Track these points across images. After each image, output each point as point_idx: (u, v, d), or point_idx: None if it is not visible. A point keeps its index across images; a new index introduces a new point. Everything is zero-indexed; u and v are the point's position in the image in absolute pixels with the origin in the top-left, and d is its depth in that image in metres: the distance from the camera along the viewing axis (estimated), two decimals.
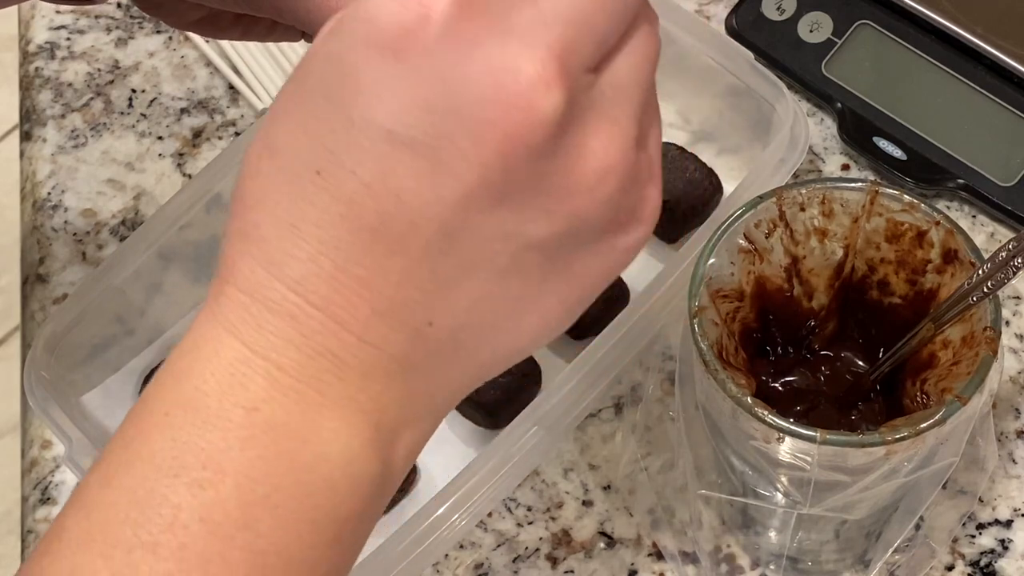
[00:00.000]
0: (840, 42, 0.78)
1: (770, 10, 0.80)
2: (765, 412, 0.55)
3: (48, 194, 0.80)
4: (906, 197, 0.60)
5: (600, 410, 0.71)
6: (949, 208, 0.76)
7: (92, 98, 0.83)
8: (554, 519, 0.68)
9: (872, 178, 0.76)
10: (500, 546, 0.68)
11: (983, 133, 0.75)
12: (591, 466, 0.69)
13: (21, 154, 0.83)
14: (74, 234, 0.78)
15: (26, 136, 0.83)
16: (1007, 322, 0.72)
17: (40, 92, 0.84)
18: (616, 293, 0.71)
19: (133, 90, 0.83)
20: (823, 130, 0.79)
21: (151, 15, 0.59)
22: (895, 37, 0.77)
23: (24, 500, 0.71)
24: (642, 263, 0.74)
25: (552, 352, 0.72)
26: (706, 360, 0.56)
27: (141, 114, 0.82)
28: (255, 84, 0.82)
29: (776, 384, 0.63)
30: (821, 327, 0.64)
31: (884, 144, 0.76)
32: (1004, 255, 0.55)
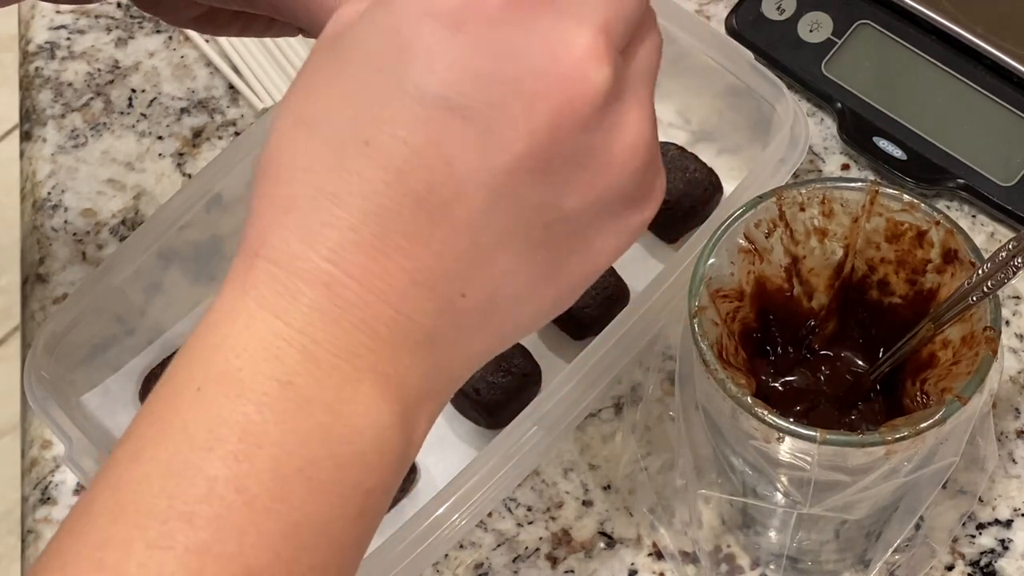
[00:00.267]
0: (840, 42, 0.78)
1: (770, 10, 0.80)
2: (765, 412, 0.55)
3: (48, 194, 0.80)
4: (906, 197, 0.60)
5: (600, 410, 0.71)
6: (949, 208, 0.76)
7: (92, 98, 0.83)
8: (554, 519, 0.68)
9: (872, 178, 0.76)
10: (500, 546, 0.68)
11: (983, 133, 0.75)
12: (591, 466, 0.69)
13: (21, 154, 0.82)
14: (74, 234, 0.78)
15: (26, 136, 0.83)
16: (1007, 322, 0.72)
17: (40, 92, 0.84)
18: (616, 293, 0.71)
19: (133, 90, 0.83)
20: (823, 130, 0.79)
21: (150, 13, 0.59)
22: (895, 37, 0.77)
23: (24, 500, 0.71)
24: (642, 263, 0.74)
25: (552, 352, 0.72)
26: (706, 360, 0.56)
27: (141, 114, 0.82)
28: (255, 84, 0.82)
29: (776, 384, 0.63)
30: (821, 327, 0.64)
31: (884, 144, 0.76)
32: (1004, 255, 0.55)
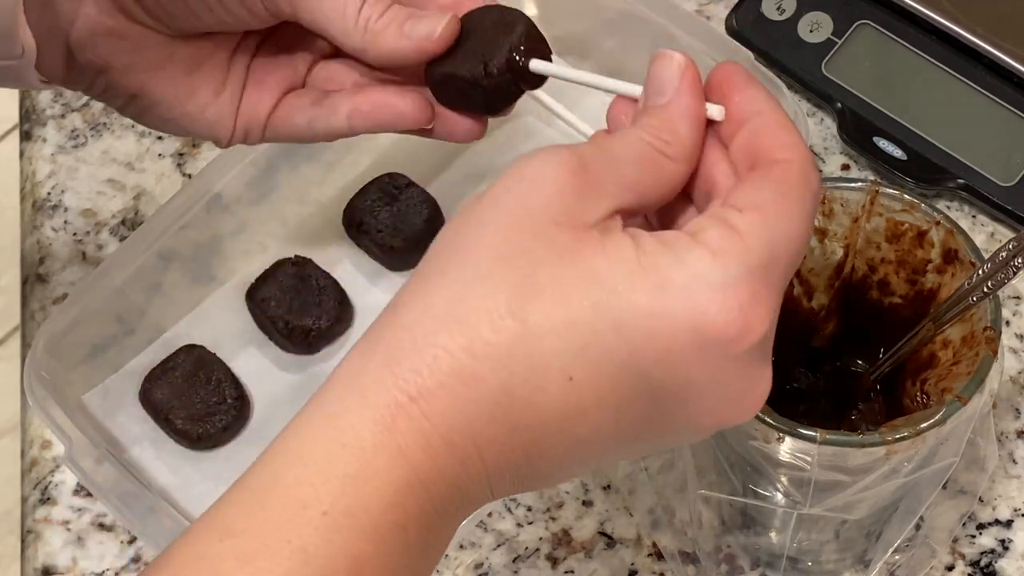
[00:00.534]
0: (840, 42, 0.78)
1: (770, 10, 0.80)
2: (765, 412, 0.55)
3: (48, 194, 0.80)
4: (906, 197, 0.60)
5: None
6: (949, 208, 0.76)
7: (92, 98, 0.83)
8: (554, 519, 0.68)
9: (872, 178, 0.76)
10: (500, 546, 0.68)
11: (983, 133, 0.75)
12: None
13: (21, 154, 0.82)
14: (74, 234, 0.78)
15: (26, 136, 0.83)
16: (1007, 322, 0.72)
17: (40, 92, 0.84)
18: None
19: None
20: (823, 130, 0.79)
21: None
22: (895, 37, 0.77)
23: (24, 500, 0.71)
24: None
25: None
26: None
27: None
28: None
29: (776, 384, 0.63)
30: (821, 327, 0.64)
31: (884, 144, 0.76)
32: (1004, 255, 0.55)
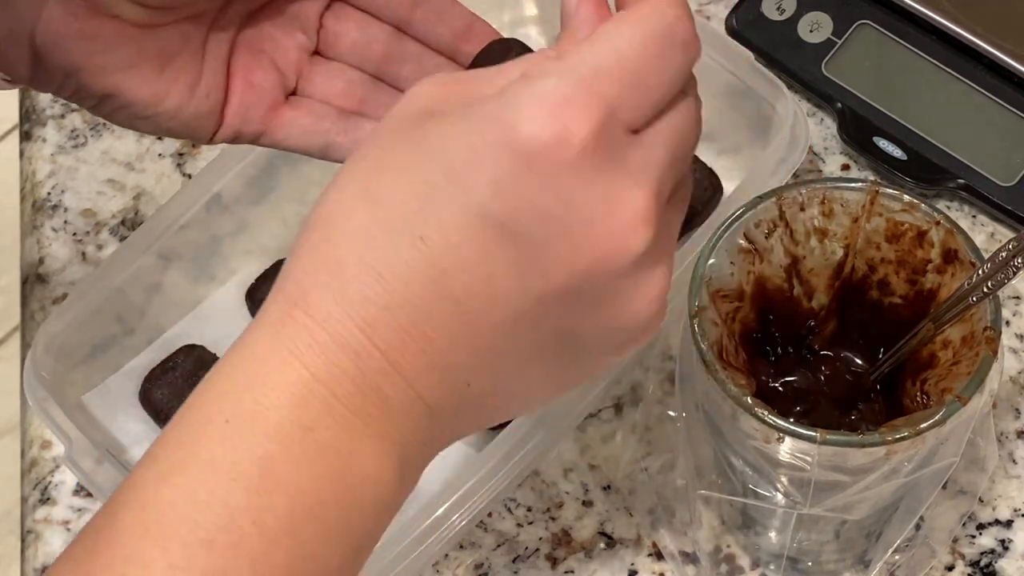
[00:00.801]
0: (840, 42, 0.78)
1: (770, 10, 0.80)
2: (765, 412, 0.55)
3: (48, 194, 0.80)
4: (906, 197, 0.60)
5: (600, 410, 0.71)
6: (949, 208, 0.76)
7: None
8: (554, 519, 0.68)
9: (872, 178, 0.76)
10: (500, 546, 0.68)
11: (983, 133, 0.75)
12: (591, 466, 0.69)
13: (21, 154, 0.82)
14: (74, 234, 0.78)
15: (26, 136, 0.83)
16: (1007, 322, 0.72)
17: (40, 92, 0.84)
18: None
19: None
20: (823, 130, 0.79)
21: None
22: (895, 37, 0.77)
23: (24, 500, 0.71)
24: None
25: None
26: (706, 360, 0.56)
27: None
28: None
29: (776, 384, 0.63)
30: (821, 327, 0.64)
31: (884, 144, 0.76)
32: (1004, 255, 0.55)
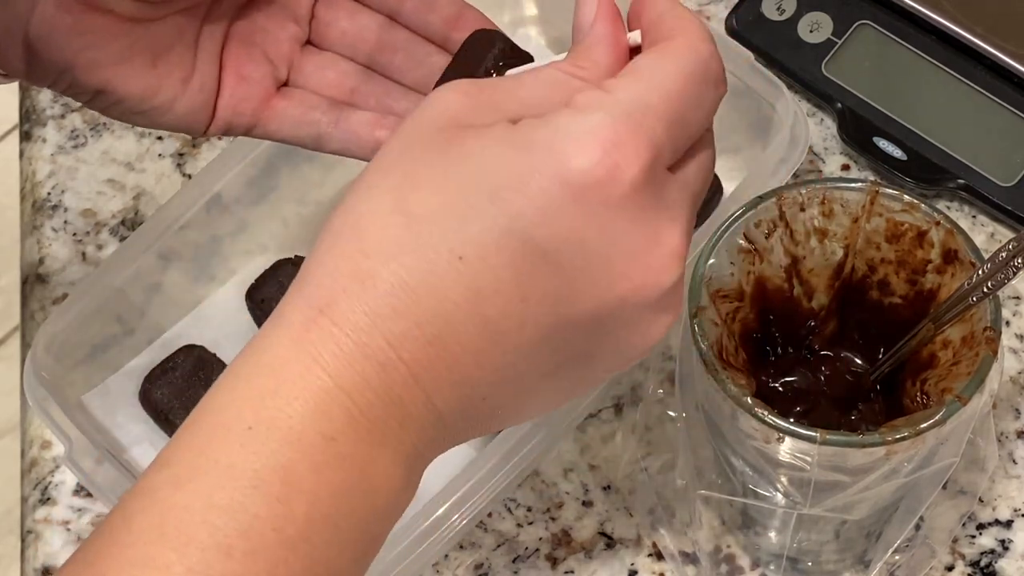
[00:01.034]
0: (840, 42, 0.78)
1: (770, 10, 0.80)
2: (765, 412, 0.55)
3: (48, 194, 0.80)
4: (906, 197, 0.60)
5: (600, 410, 0.71)
6: (949, 208, 0.76)
7: None
8: (554, 519, 0.68)
9: (872, 178, 0.76)
10: (500, 546, 0.68)
11: (983, 133, 0.75)
12: (591, 466, 0.69)
13: (21, 154, 0.82)
14: (74, 234, 0.78)
15: (26, 136, 0.83)
16: (1007, 322, 0.72)
17: (40, 92, 0.84)
18: None
19: None
20: (823, 130, 0.79)
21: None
22: (895, 37, 0.77)
23: (24, 500, 0.71)
24: None
25: None
26: (706, 360, 0.56)
27: None
28: None
29: (776, 384, 0.63)
30: (821, 327, 0.64)
31: (884, 144, 0.76)
32: (1004, 255, 0.55)
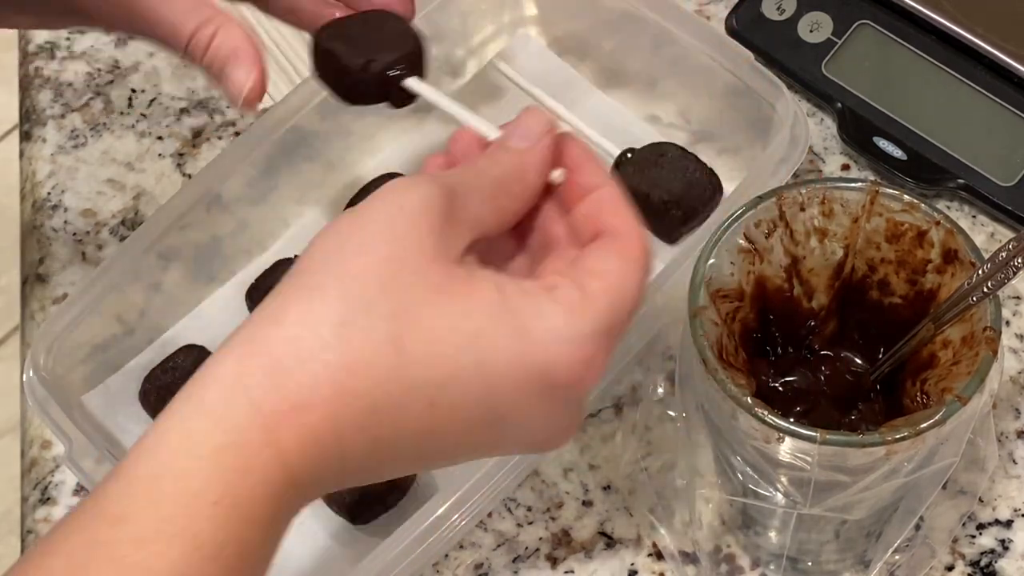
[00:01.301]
0: (840, 42, 0.78)
1: (770, 10, 0.80)
2: (765, 412, 0.55)
3: (48, 194, 0.80)
4: (906, 197, 0.60)
5: (600, 410, 0.71)
6: (949, 208, 0.76)
7: (92, 98, 0.83)
8: (554, 519, 0.68)
9: (872, 178, 0.76)
10: (500, 546, 0.68)
11: (983, 133, 0.75)
12: (591, 466, 0.69)
13: (21, 154, 0.82)
14: (74, 234, 0.78)
15: (26, 136, 0.83)
16: (1007, 322, 0.72)
17: (40, 92, 0.84)
18: None
19: (133, 90, 0.83)
20: (823, 130, 0.79)
21: None
22: (895, 37, 0.77)
23: (24, 500, 0.71)
24: None
25: None
26: (706, 360, 0.56)
27: (141, 114, 0.82)
28: None
29: (776, 384, 0.63)
30: (821, 327, 0.64)
31: (884, 144, 0.76)
32: (1004, 255, 0.55)
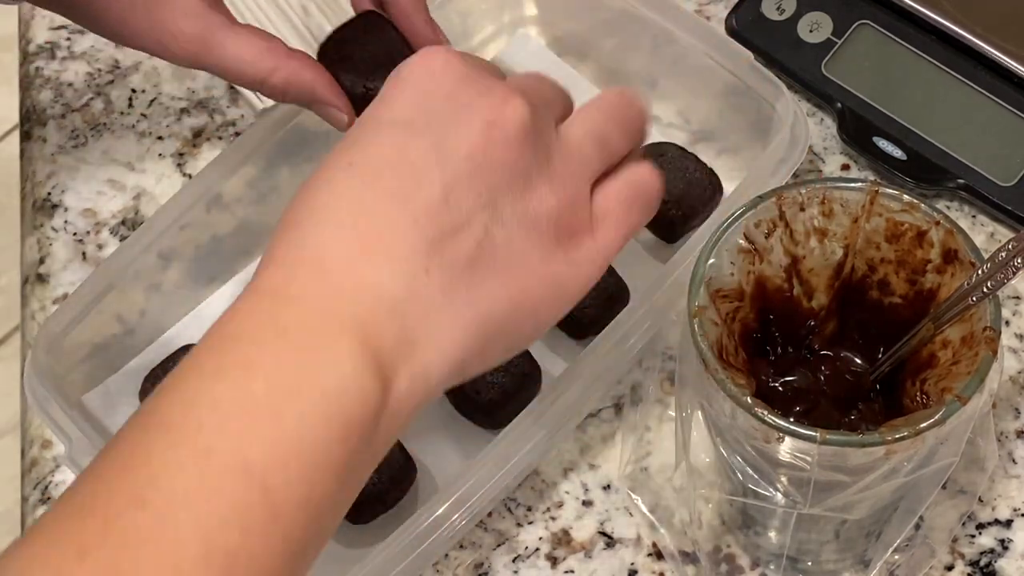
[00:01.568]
0: (840, 42, 0.78)
1: (770, 10, 0.80)
2: (765, 412, 0.55)
3: (48, 194, 0.80)
4: (906, 197, 0.60)
5: (600, 410, 0.71)
6: (949, 208, 0.76)
7: (92, 98, 0.83)
8: (554, 519, 0.68)
9: (872, 178, 0.76)
10: (500, 546, 0.68)
11: (983, 133, 0.75)
12: (591, 466, 0.69)
13: (21, 154, 0.82)
14: (74, 234, 0.78)
15: (26, 136, 0.83)
16: (1007, 322, 0.72)
17: (40, 92, 0.84)
18: (616, 293, 0.71)
19: (133, 90, 0.83)
20: (823, 130, 0.79)
21: None
22: (895, 37, 0.77)
23: (24, 500, 0.71)
24: (642, 263, 0.74)
25: (552, 352, 0.72)
26: (706, 360, 0.56)
27: (141, 114, 0.82)
28: None
29: (776, 384, 0.63)
30: (821, 327, 0.64)
31: (884, 144, 0.76)
32: (1004, 255, 0.55)
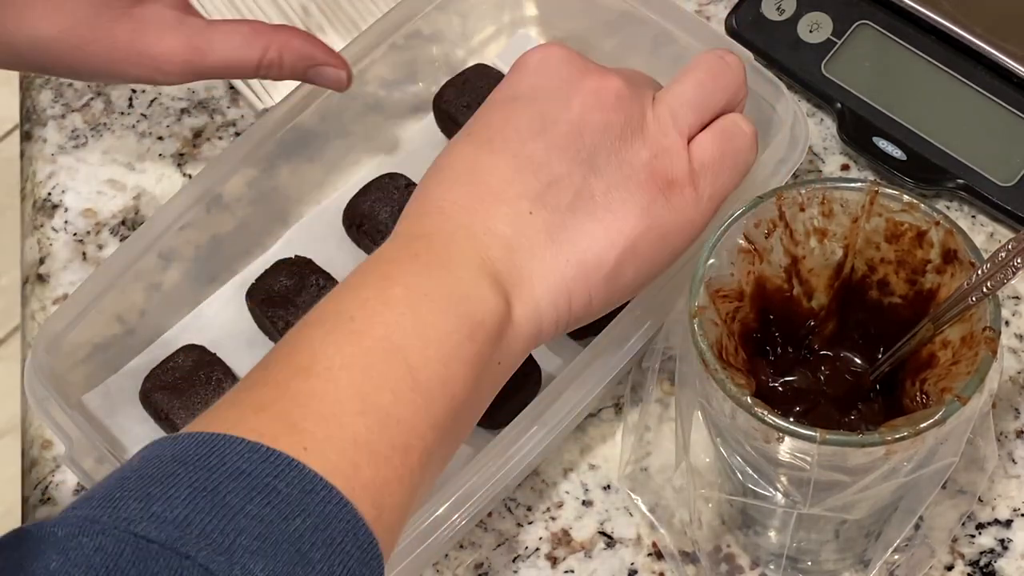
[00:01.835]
0: (840, 42, 0.78)
1: (770, 10, 0.80)
2: (765, 412, 0.55)
3: (48, 194, 0.80)
4: (906, 197, 0.60)
5: (600, 410, 0.71)
6: (949, 208, 0.76)
7: (92, 98, 0.83)
8: (554, 519, 0.68)
9: (872, 178, 0.76)
10: (500, 546, 0.68)
11: (983, 133, 0.75)
12: (591, 466, 0.69)
13: (21, 154, 0.82)
14: (74, 234, 0.78)
15: (26, 136, 0.83)
16: (1007, 322, 0.72)
17: (40, 92, 0.84)
18: None
19: (133, 90, 0.83)
20: (823, 130, 0.79)
21: None
22: (895, 37, 0.77)
23: (24, 500, 0.71)
24: None
25: (552, 352, 0.72)
26: (706, 360, 0.56)
27: (141, 114, 0.82)
28: (255, 84, 0.82)
29: (776, 384, 0.63)
30: (821, 327, 0.64)
31: (884, 144, 0.76)
32: (1004, 255, 0.55)
